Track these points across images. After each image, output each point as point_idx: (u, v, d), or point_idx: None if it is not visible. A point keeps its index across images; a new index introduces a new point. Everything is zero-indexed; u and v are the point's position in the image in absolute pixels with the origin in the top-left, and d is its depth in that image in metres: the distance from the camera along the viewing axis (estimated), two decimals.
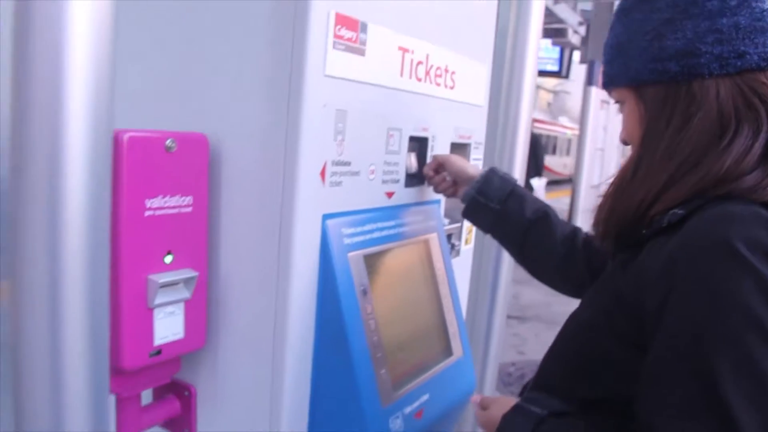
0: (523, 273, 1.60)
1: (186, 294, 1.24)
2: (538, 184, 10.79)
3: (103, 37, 0.77)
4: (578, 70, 11.87)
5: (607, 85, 1.10)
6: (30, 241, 0.79)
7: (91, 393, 0.87)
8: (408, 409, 1.45)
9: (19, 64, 0.74)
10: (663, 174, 0.93)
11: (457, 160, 1.57)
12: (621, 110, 1.09)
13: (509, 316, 4.64)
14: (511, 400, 1.08)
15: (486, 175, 1.49)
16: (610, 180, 1.05)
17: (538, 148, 11.41)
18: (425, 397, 1.52)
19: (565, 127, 23.08)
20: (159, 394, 1.44)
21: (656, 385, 0.85)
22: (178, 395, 1.43)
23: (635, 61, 1.00)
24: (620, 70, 1.04)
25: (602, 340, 0.97)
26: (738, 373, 0.77)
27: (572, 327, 1.09)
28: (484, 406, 1.18)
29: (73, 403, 0.85)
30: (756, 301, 0.78)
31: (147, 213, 1.15)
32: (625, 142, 1.08)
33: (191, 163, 1.22)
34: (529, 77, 2.21)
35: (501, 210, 1.46)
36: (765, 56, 0.93)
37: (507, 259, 2.35)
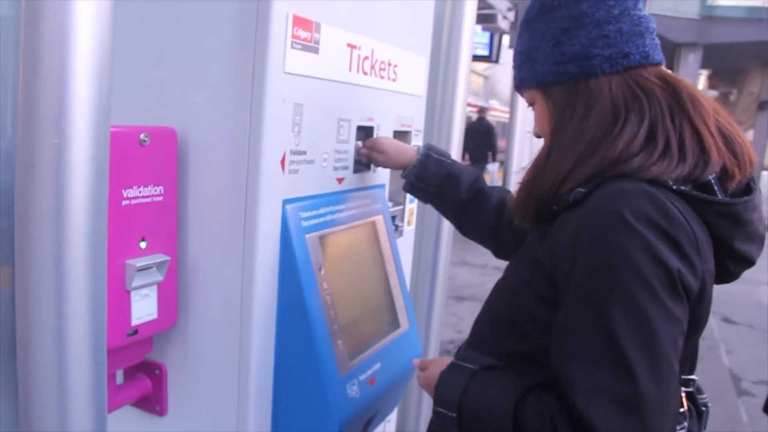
0: (457, 255, 1.75)
1: (159, 277, 1.34)
2: (493, 168, 11.32)
3: (103, 41, 0.87)
4: (507, 54, 12.15)
5: (519, 87, 1.26)
6: (37, 231, 0.87)
7: (92, 367, 0.96)
8: (362, 377, 1.59)
9: (27, 66, 0.83)
10: (570, 159, 1.09)
11: (390, 148, 1.69)
12: (533, 109, 1.24)
13: (447, 296, 4.82)
14: (447, 360, 1.22)
15: (422, 161, 1.63)
16: (526, 169, 1.21)
17: (493, 137, 11.68)
18: (377, 365, 1.66)
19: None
20: (130, 373, 1.53)
21: (566, 335, 1.00)
22: (148, 374, 1.53)
23: (541, 65, 1.16)
24: (528, 74, 1.20)
25: (525, 301, 1.12)
26: (629, 321, 0.93)
27: (499, 292, 1.24)
28: (423, 367, 1.31)
29: (76, 384, 0.95)
30: (642, 260, 0.93)
31: (124, 202, 1.25)
32: (538, 136, 1.24)
33: (162, 155, 1.32)
34: (464, 67, 2.36)
35: (438, 192, 1.62)
36: (645, 55, 1.11)
37: (446, 239, 2.50)
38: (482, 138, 11.58)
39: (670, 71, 1.14)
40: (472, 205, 1.60)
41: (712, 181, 1.03)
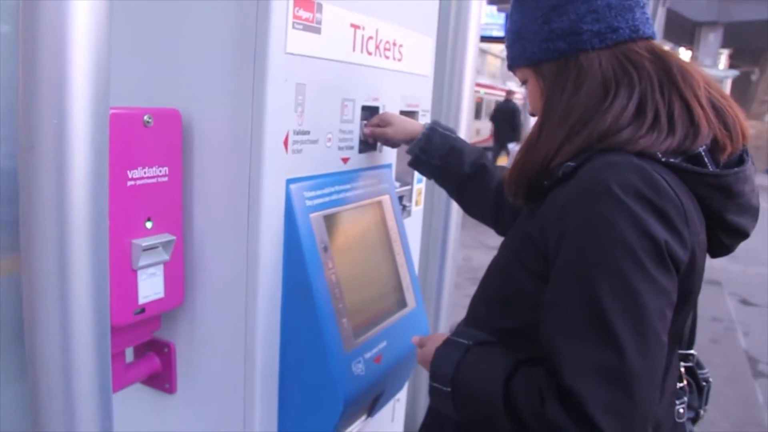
0: (473, 238, 1.76)
1: (165, 256, 1.37)
2: (514, 148, 11.61)
3: (100, 25, 0.89)
4: None
5: (511, 67, 1.26)
6: (40, 213, 0.90)
7: (96, 345, 0.99)
8: (368, 355, 1.60)
9: (27, 53, 0.85)
10: (560, 133, 1.09)
11: (397, 121, 1.71)
12: (526, 88, 1.25)
13: (462, 278, 4.82)
14: (444, 336, 1.24)
15: (427, 135, 1.64)
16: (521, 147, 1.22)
17: (517, 118, 12.11)
18: (383, 344, 1.68)
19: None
20: (140, 352, 1.56)
21: (553, 308, 1.01)
22: (157, 352, 1.56)
23: (531, 43, 1.16)
24: (520, 53, 1.20)
25: (517, 276, 1.13)
26: (615, 293, 0.93)
27: (493, 269, 1.26)
28: (421, 344, 1.33)
29: (81, 360, 0.98)
30: (628, 232, 0.93)
31: (129, 183, 1.27)
32: (533, 114, 1.24)
33: (166, 136, 1.34)
34: (472, 47, 2.35)
35: (442, 165, 1.63)
36: (634, 29, 1.11)
37: (455, 219, 2.51)
38: (507, 118, 11.94)
39: (660, 45, 1.14)
40: (474, 180, 1.61)
41: (703, 153, 1.03)
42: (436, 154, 1.63)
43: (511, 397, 1.02)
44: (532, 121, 1.24)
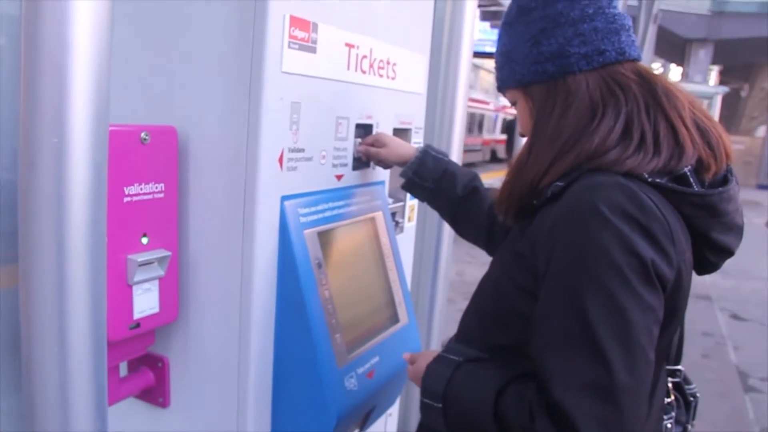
0: (466, 253, 1.78)
1: (160, 272, 1.38)
2: None
3: (101, 43, 0.91)
4: None
5: (501, 88, 1.29)
6: (39, 228, 0.91)
7: (93, 359, 1.00)
8: (360, 370, 1.62)
9: (28, 71, 0.87)
10: (550, 154, 1.12)
11: (391, 142, 1.73)
12: (516, 109, 1.27)
13: (455, 292, 4.84)
14: (435, 353, 1.26)
15: (420, 158, 1.67)
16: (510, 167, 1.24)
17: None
18: (375, 359, 1.69)
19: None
20: (133, 366, 1.57)
21: (543, 325, 1.03)
22: (151, 367, 1.57)
23: (520, 66, 1.19)
24: (509, 75, 1.23)
25: (508, 293, 1.15)
26: (603, 310, 0.95)
27: (484, 285, 1.27)
28: (412, 361, 1.35)
29: (77, 374, 0.99)
30: (615, 251, 0.95)
31: (126, 199, 1.29)
32: (523, 135, 1.27)
33: (163, 153, 1.36)
34: (465, 64, 2.38)
35: (435, 189, 1.65)
36: (621, 51, 1.14)
37: (447, 235, 2.53)
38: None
39: (646, 66, 1.17)
40: (467, 202, 1.63)
41: (688, 173, 1.06)
42: (429, 177, 1.65)
43: (501, 413, 1.04)
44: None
